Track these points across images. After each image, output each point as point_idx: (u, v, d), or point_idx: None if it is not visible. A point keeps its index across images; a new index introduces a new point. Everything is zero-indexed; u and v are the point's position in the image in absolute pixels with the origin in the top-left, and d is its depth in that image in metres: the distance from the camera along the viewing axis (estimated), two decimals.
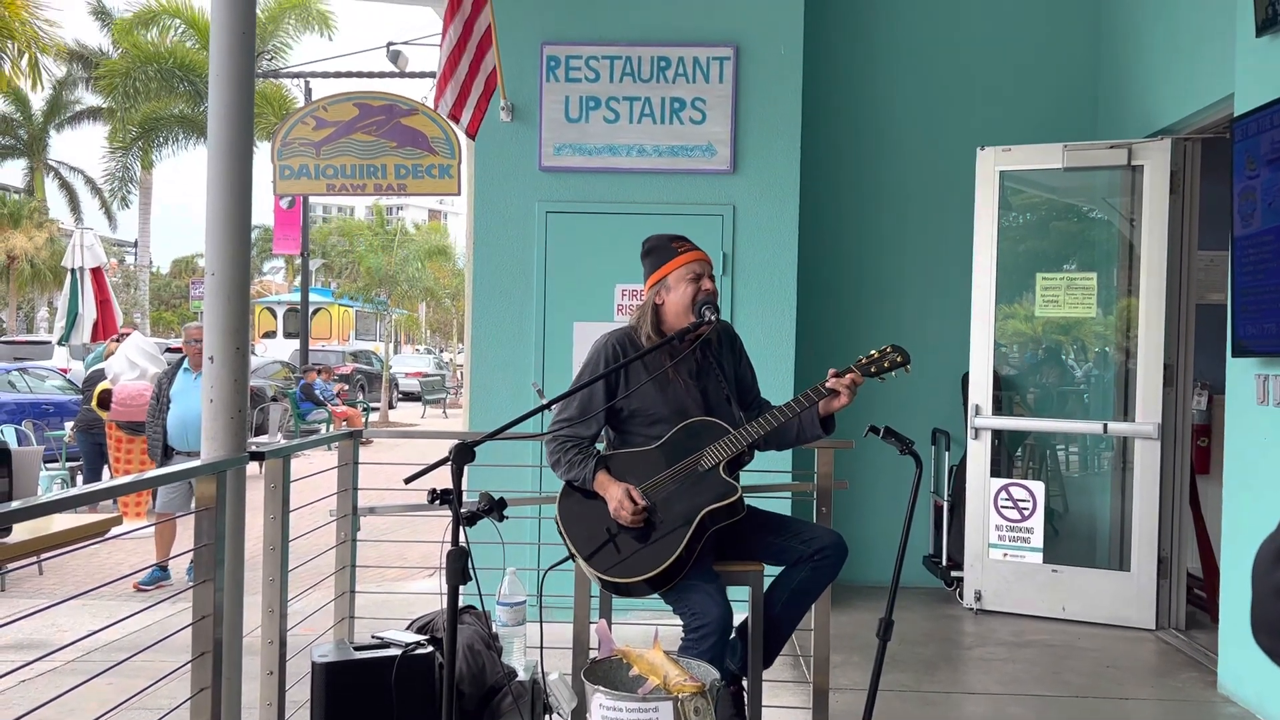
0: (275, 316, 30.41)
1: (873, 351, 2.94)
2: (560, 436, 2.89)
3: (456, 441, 2.34)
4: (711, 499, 2.80)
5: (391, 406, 22.84)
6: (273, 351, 25.63)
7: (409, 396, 26.01)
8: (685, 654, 2.66)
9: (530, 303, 5.40)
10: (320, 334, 31.16)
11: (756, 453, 2.97)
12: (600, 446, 3.03)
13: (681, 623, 2.75)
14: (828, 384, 2.89)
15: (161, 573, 6.37)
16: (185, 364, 6.62)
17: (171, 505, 6.40)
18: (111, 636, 4.68)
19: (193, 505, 2.66)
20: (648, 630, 3.06)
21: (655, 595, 2.83)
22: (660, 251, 2.99)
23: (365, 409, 18.48)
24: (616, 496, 2.80)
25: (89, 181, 28.57)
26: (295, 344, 27.01)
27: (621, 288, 5.35)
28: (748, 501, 3.11)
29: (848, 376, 2.88)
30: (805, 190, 5.58)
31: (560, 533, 2.87)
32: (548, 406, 2.61)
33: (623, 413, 2.94)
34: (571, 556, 2.87)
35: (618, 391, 2.93)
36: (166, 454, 6.54)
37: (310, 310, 30.55)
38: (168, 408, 6.49)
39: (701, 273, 2.95)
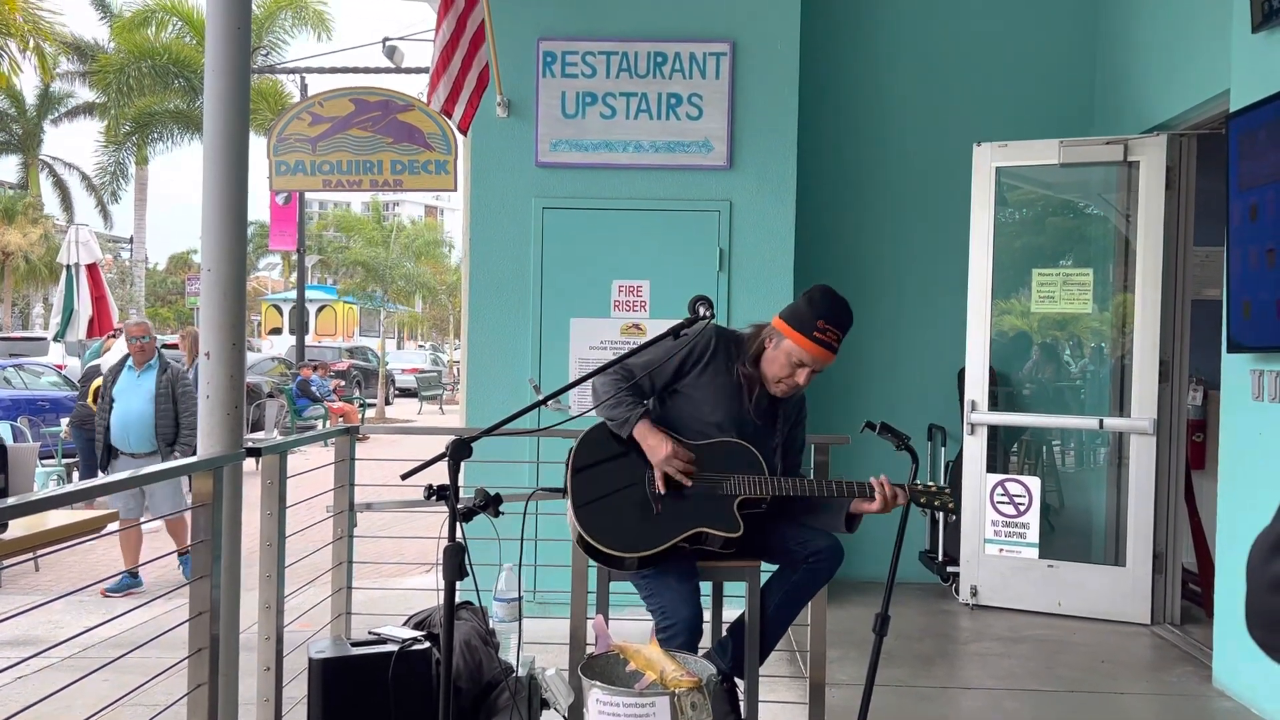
0: (281, 313, 30.96)
1: (930, 484, 2.87)
2: (619, 380, 2.86)
3: (453, 438, 2.34)
4: (713, 523, 2.79)
5: (388, 403, 22.83)
6: (279, 348, 25.76)
7: (405, 393, 26.01)
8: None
9: (527, 299, 5.40)
10: (325, 330, 31.80)
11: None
12: None
13: (653, 617, 2.77)
14: (872, 483, 2.83)
15: (131, 579, 6.18)
16: (130, 362, 6.44)
17: (131, 511, 6.19)
18: (108, 633, 4.67)
19: (188, 502, 2.66)
20: (644, 626, 3.06)
21: (626, 579, 2.87)
22: (808, 315, 2.85)
23: (362, 405, 18.49)
24: (667, 447, 2.78)
25: (84, 177, 28.49)
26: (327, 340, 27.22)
27: (618, 283, 5.35)
28: None
29: (894, 491, 2.81)
30: (802, 186, 5.58)
31: (566, 469, 2.87)
32: (544, 402, 2.61)
33: (681, 394, 2.92)
34: (563, 495, 2.88)
35: (688, 373, 2.91)
36: (110, 455, 6.35)
37: (316, 307, 30.83)
38: (111, 407, 6.33)
39: (809, 367, 2.86)
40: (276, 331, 30.80)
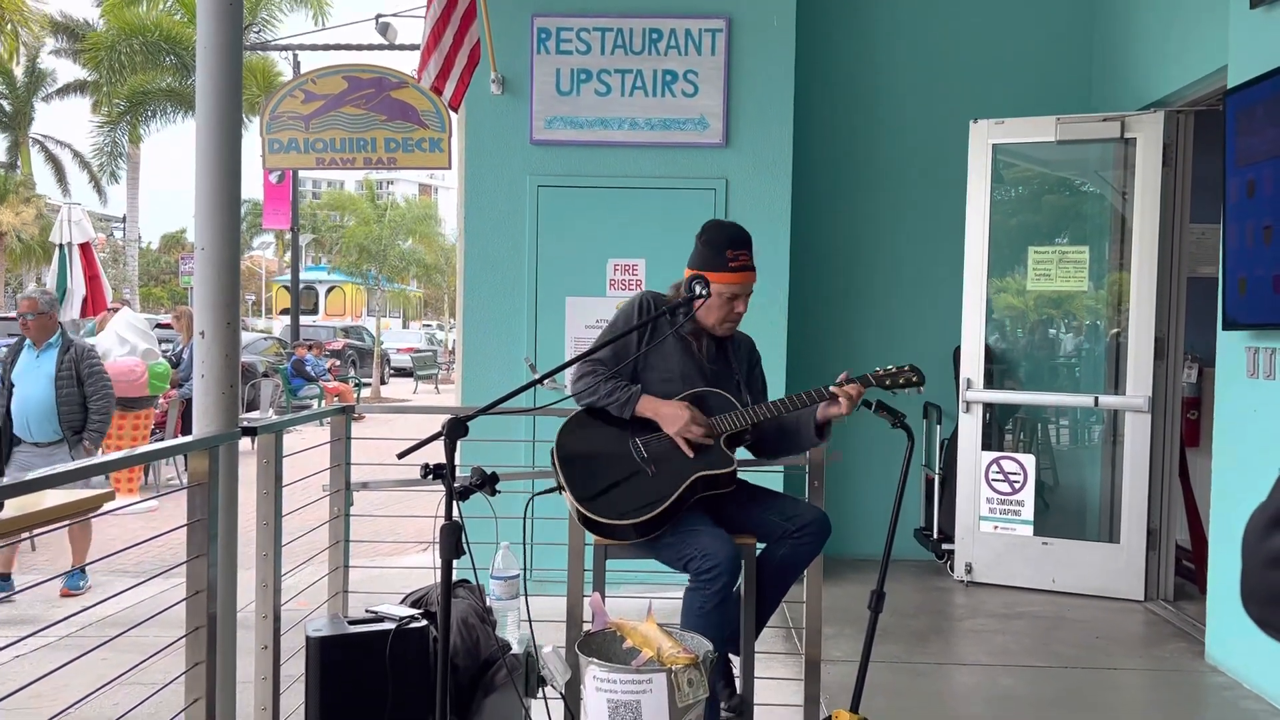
0: (316, 295, 32.11)
1: (890, 366, 2.97)
2: (595, 369, 2.95)
3: (449, 417, 2.34)
4: (707, 465, 2.87)
5: (383, 382, 22.83)
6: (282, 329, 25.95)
7: (401, 372, 26.01)
8: (695, 596, 2.72)
9: (522, 277, 5.39)
10: (335, 311, 32.41)
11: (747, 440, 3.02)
12: None
13: (689, 569, 2.77)
14: (832, 388, 2.91)
15: (81, 575, 5.72)
16: (28, 343, 5.81)
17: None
18: (105, 612, 4.68)
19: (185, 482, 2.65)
20: (641, 603, 3.07)
21: (647, 553, 2.89)
22: (713, 251, 2.98)
23: (357, 385, 18.48)
24: (682, 414, 2.87)
25: (76, 155, 28.33)
26: (313, 319, 27.30)
27: (614, 262, 5.34)
28: (741, 475, 3.14)
29: (853, 386, 2.89)
30: (798, 164, 5.56)
31: (554, 466, 2.89)
32: (540, 381, 2.60)
33: (640, 364, 3.02)
34: (560, 489, 2.89)
35: (644, 342, 3.01)
36: (12, 444, 5.70)
37: (326, 288, 31.14)
38: (10, 393, 5.71)
39: (739, 294, 2.98)
40: (287, 312, 30.98)
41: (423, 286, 35.14)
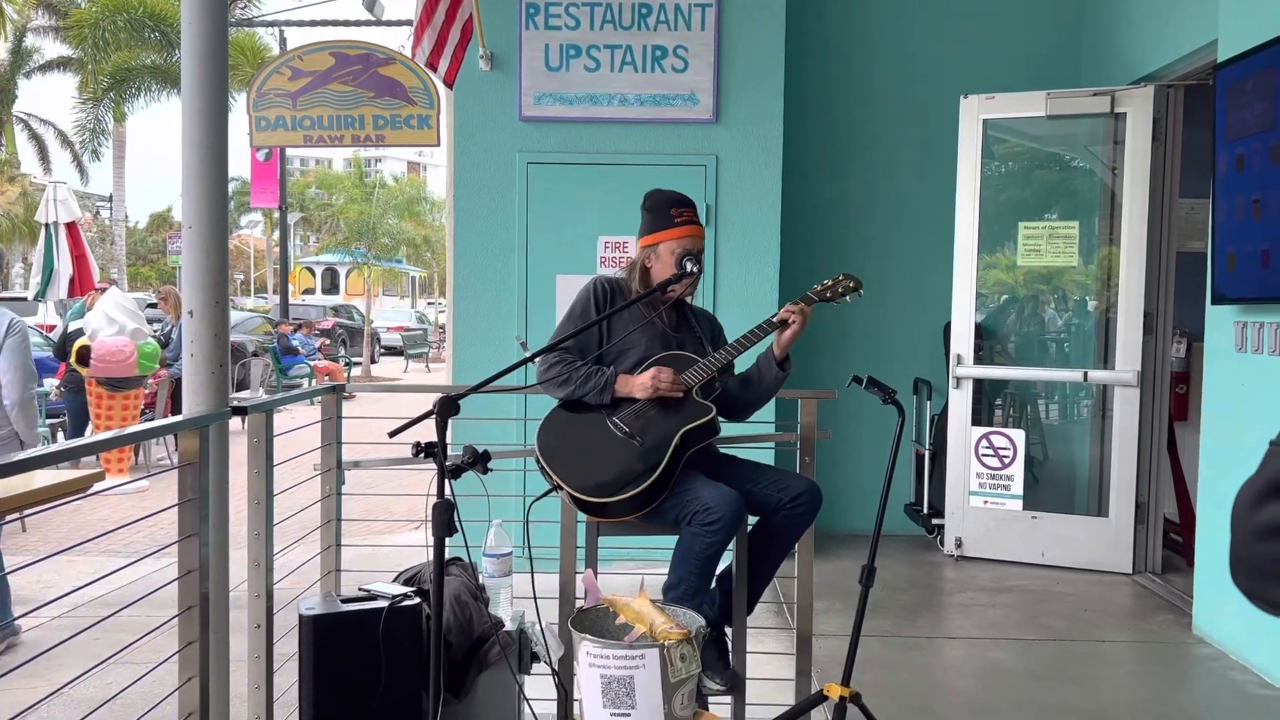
0: (314, 275, 33.33)
1: (825, 280, 3.04)
2: (565, 358, 2.96)
3: (441, 395, 2.34)
4: (689, 419, 2.89)
5: (374, 361, 22.77)
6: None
7: (391, 350, 25.95)
8: (694, 540, 2.75)
9: (512, 255, 5.37)
10: (355, 290, 33.94)
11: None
12: None
13: (693, 521, 2.78)
14: (777, 316, 2.97)
15: None
16: None
17: None
18: (97, 592, 4.69)
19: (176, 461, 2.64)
20: (633, 579, 3.08)
21: (649, 524, 2.90)
22: (658, 214, 3.01)
23: (347, 364, 18.43)
24: (648, 376, 2.90)
25: (60, 134, 28.06)
26: (335, 300, 27.60)
27: (604, 239, 5.33)
28: (730, 451, 3.15)
29: (796, 304, 2.97)
30: (788, 140, 5.55)
31: (541, 467, 2.90)
32: (531, 359, 2.61)
33: (604, 347, 3.03)
34: (556, 489, 2.90)
35: (607, 333, 3.02)
36: None
37: (345, 269, 31.58)
38: None
39: (690, 250, 3.00)
40: (310, 292, 33.12)
41: (416, 265, 35.10)
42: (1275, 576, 0.82)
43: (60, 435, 8.83)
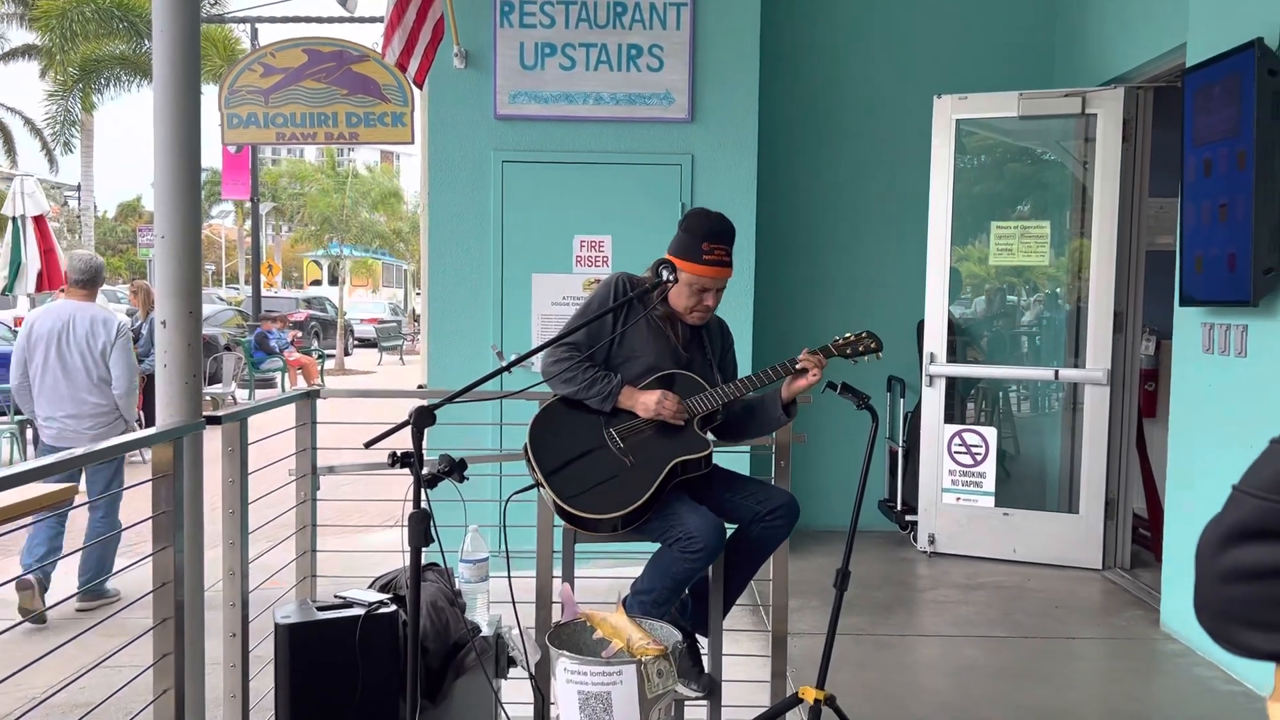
0: (321, 267, 34.73)
1: (849, 334, 3.04)
2: (575, 356, 2.94)
3: (417, 405, 2.34)
4: (684, 450, 2.89)
5: (347, 354, 22.66)
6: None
7: (365, 343, 25.84)
8: (672, 562, 2.76)
9: (487, 254, 5.36)
10: (358, 283, 35.72)
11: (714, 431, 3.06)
12: None
13: (674, 546, 2.79)
14: (799, 361, 2.94)
15: None
16: None
17: None
18: (73, 600, 4.65)
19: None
20: (611, 585, 3.10)
21: (622, 534, 2.89)
22: (691, 242, 2.95)
23: (320, 357, 18.32)
24: (654, 396, 2.89)
25: (27, 122, 27.64)
26: (331, 290, 27.65)
27: (580, 239, 5.32)
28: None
29: (817, 357, 2.95)
30: (764, 139, 5.56)
31: (528, 459, 2.89)
32: (509, 369, 2.60)
33: (613, 347, 3.02)
34: (537, 485, 2.90)
35: (618, 335, 3.01)
36: None
37: (348, 263, 31.94)
38: None
39: (711, 289, 2.97)
40: (317, 283, 35.23)
41: (390, 254, 35.01)
42: (1239, 620, 0.84)
43: (29, 432, 8.72)
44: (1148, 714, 3.68)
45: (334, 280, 29.48)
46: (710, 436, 2.99)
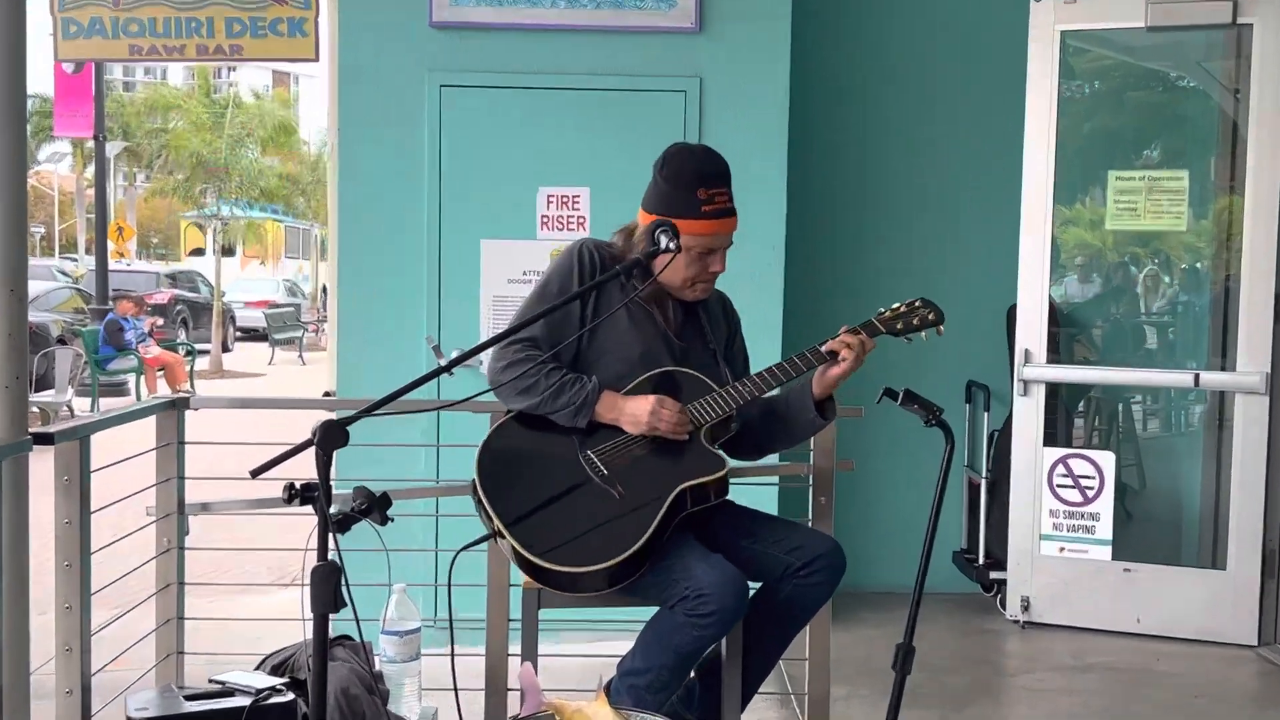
0: (204, 232, 32.51)
1: (896, 305, 3.07)
2: (532, 355, 2.94)
3: (323, 420, 2.34)
4: (691, 473, 2.89)
5: (227, 349, 22.65)
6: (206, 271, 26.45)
7: (251, 334, 25.81)
8: (674, 632, 2.78)
9: (420, 212, 5.35)
10: (254, 253, 34.41)
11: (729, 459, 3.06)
12: None
13: (677, 608, 2.79)
14: (826, 345, 2.96)
15: None
16: None
17: None
18: None
19: None
20: (586, 665, 3.11)
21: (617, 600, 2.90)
22: (678, 192, 2.98)
23: (190, 353, 18.28)
24: (647, 405, 2.89)
25: None
26: (230, 262, 27.56)
27: (547, 192, 5.32)
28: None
29: (853, 337, 2.97)
30: (798, 59, 5.55)
31: (480, 502, 2.89)
32: (448, 370, 2.60)
33: (582, 343, 3.03)
34: (494, 536, 2.90)
35: (588, 313, 3.02)
36: None
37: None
38: None
39: (715, 247, 3.01)
40: (199, 252, 33.09)
41: (289, 215, 34.98)
42: None
43: None
44: None
45: (228, 251, 29.38)
46: (720, 452, 3.00)
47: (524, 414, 2.98)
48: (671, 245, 2.85)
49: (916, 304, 3.12)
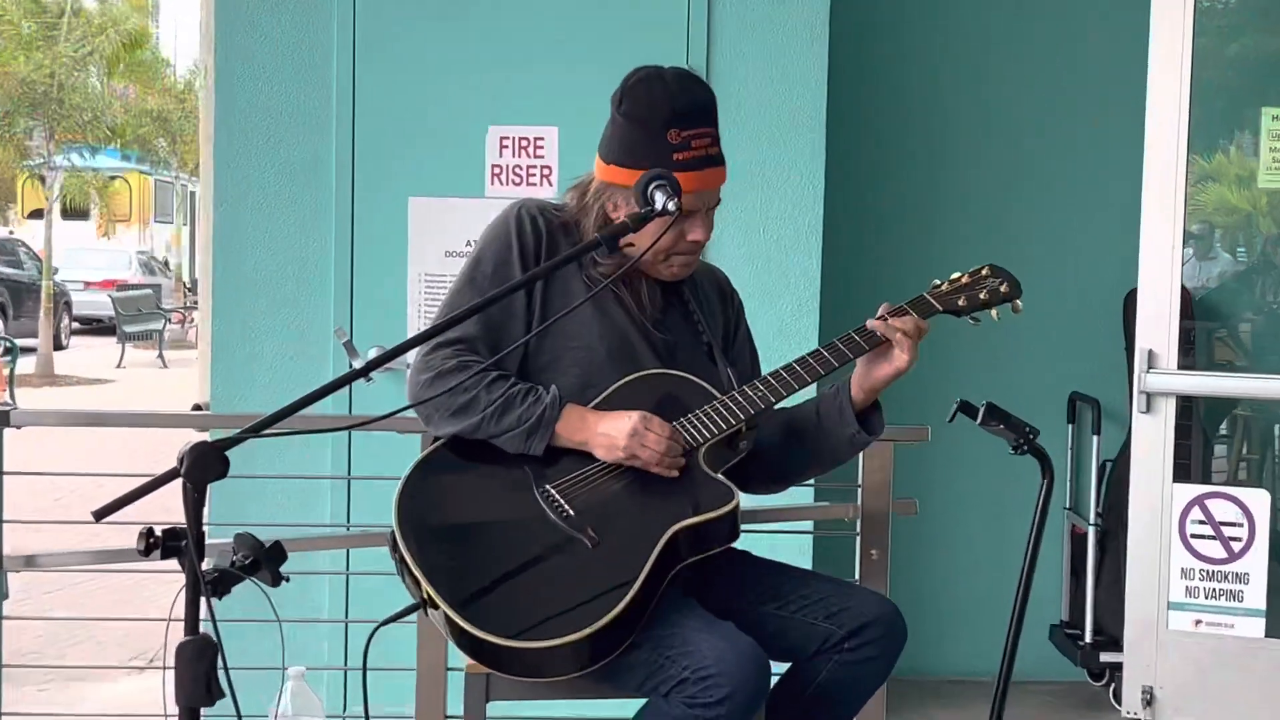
0: (46, 186, 31.99)
1: (957, 275, 3.07)
2: (465, 361, 2.93)
3: (192, 442, 2.34)
4: (689, 508, 2.88)
5: (60, 345, 22.61)
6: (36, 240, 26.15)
7: (94, 326, 25.79)
8: None
9: (325, 161, 5.35)
10: (120, 212, 34.35)
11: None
12: None
13: (673, 694, 2.77)
14: (871, 324, 2.98)
15: None
16: None
17: None
18: None
19: None
20: None
21: (588, 689, 2.89)
22: (646, 136, 2.99)
23: (9, 350, 18.26)
24: (626, 425, 2.87)
25: None
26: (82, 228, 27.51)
27: (499, 132, 5.32)
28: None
29: (907, 319, 2.97)
30: None
31: (402, 561, 2.89)
32: (364, 375, 2.60)
33: (530, 342, 3.03)
34: (422, 606, 2.89)
35: (538, 316, 3.02)
36: None
37: (104, 179, 31.75)
38: None
39: (696, 209, 2.99)
40: (39, 214, 32.17)
41: (146, 163, 34.89)
42: None
43: None
44: None
45: (76, 213, 29.26)
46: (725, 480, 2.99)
47: (458, 441, 2.97)
48: (671, 206, 2.84)
49: (984, 272, 3.15)
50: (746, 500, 3.48)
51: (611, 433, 2.89)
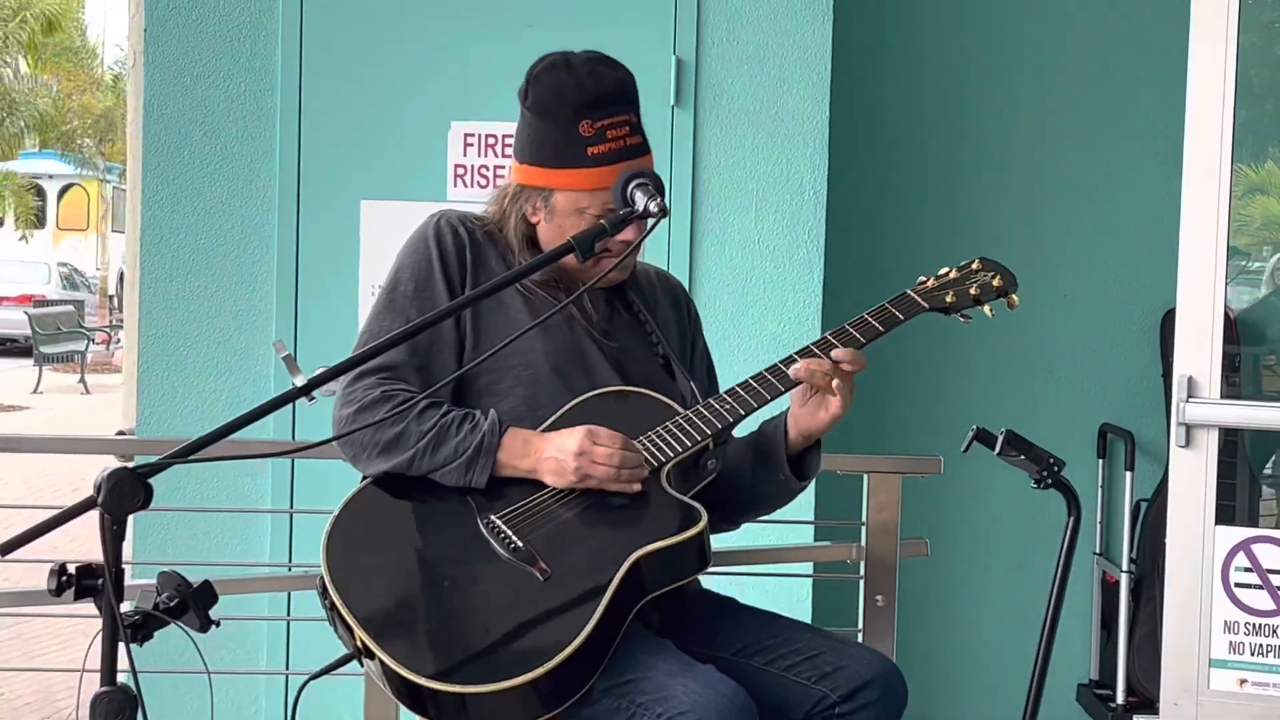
0: (44, 198, 34.19)
1: (945, 270, 3.14)
2: (390, 389, 2.93)
3: (111, 466, 2.33)
4: (652, 531, 2.87)
5: None
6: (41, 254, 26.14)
7: (7, 346, 25.81)
8: None
9: (269, 160, 5.36)
10: (73, 221, 36.07)
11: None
12: None
13: None
14: (793, 369, 2.97)
15: None
16: None
17: None
18: None
19: None
20: None
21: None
22: (555, 130, 3.03)
23: None
24: (575, 440, 2.86)
25: None
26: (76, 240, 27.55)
27: (463, 129, 5.33)
28: (710, 587, 3.16)
29: (847, 353, 2.98)
30: None
31: (333, 608, 2.87)
32: (306, 393, 2.58)
33: (470, 370, 3.02)
34: (357, 655, 2.88)
35: (470, 335, 3.03)
36: None
37: (58, 186, 31.83)
38: None
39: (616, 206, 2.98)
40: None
41: (70, 160, 34.95)
42: None
43: None
44: None
45: (37, 223, 29.50)
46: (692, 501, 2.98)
47: (389, 479, 2.96)
48: (653, 207, 2.84)
49: (974, 266, 3.17)
50: (737, 539, 3.49)
51: (558, 455, 2.87)
